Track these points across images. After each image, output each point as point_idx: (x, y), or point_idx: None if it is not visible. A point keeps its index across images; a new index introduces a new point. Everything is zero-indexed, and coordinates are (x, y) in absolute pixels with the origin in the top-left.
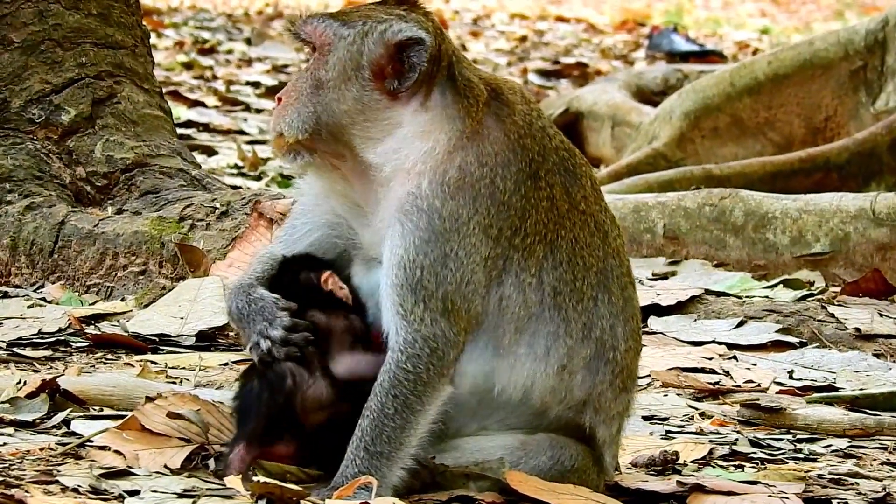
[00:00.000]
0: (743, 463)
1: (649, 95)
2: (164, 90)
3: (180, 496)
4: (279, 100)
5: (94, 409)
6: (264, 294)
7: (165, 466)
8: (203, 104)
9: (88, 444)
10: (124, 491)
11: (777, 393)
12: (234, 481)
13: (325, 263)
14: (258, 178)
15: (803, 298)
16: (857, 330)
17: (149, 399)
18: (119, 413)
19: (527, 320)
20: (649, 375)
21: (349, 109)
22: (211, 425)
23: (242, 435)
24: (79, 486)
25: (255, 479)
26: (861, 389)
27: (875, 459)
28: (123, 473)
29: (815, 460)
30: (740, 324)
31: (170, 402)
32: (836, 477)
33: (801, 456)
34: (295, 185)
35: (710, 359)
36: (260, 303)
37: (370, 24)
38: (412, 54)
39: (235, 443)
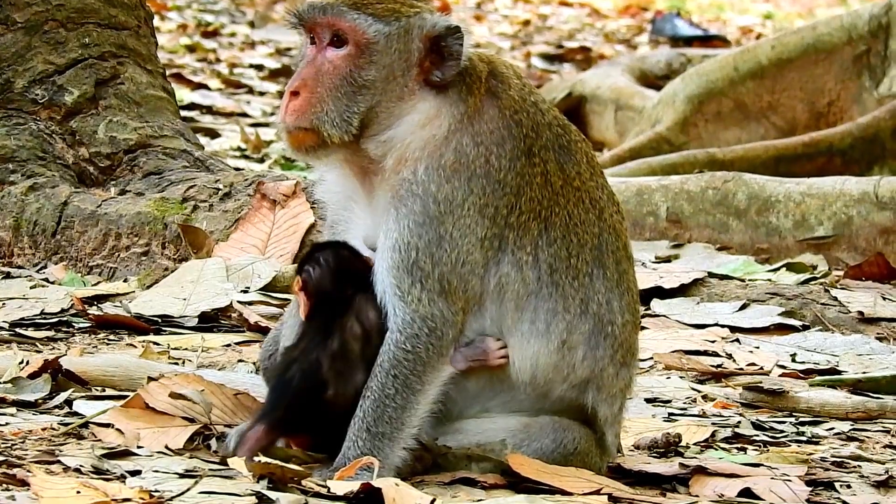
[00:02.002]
0: (745, 445)
1: (653, 79)
2: (168, 73)
3: (182, 476)
4: (295, 94)
5: (97, 390)
6: None
7: (167, 447)
8: (206, 87)
9: (91, 424)
10: (126, 471)
11: (780, 376)
12: (236, 462)
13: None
14: (261, 161)
15: (806, 282)
16: (860, 313)
17: (152, 378)
18: (121, 393)
19: (526, 298)
20: (652, 358)
21: (384, 108)
22: (214, 405)
23: (267, 419)
24: (81, 465)
25: (256, 459)
26: (864, 373)
27: (877, 442)
28: (125, 454)
29: (817, 443)
30: (743, 307)
31: (173, 382)
32: (838, 460)
33: (803, 439)
34: (321, 181)
35: (713, 342)
36: None
37: (405, 21)
38: (452, 43)
39: (257, 422)
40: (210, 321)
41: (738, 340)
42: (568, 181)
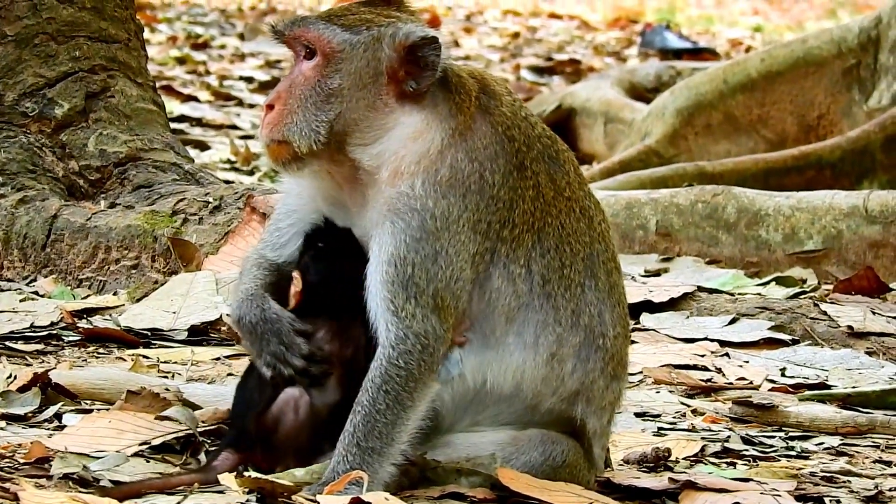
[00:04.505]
0: (735, 460)
1: (642, 92)
2: (157, 85)
3: (171, 493)
4: (270, 107)
5: (86, 403)
6: (279, 312)
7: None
8: (196, 99)
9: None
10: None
11: (769, 390)
12: (226, 478)
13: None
14: (251, 173)
15: (796, 296)
16: (850, 328)
17: (132, 392)
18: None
19: (517, 310)
20: (641, 372)
21: (359, 117)
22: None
23: (228, 441)
24: (70, 480)
25: (246, 474)
26: (853, 387)
27: (867, 457)
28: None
29: (807, 458)
30: (733, 321)
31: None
32: (828, 475)
33: (793, 453)
34: (278, 182)
35: (703, 356)
36: (276, 324)
37: (377, 30)
38: (428, 53)
39: (222, 448)
40: (200, 334)
41: (727, 355)
42: (559, 192)
